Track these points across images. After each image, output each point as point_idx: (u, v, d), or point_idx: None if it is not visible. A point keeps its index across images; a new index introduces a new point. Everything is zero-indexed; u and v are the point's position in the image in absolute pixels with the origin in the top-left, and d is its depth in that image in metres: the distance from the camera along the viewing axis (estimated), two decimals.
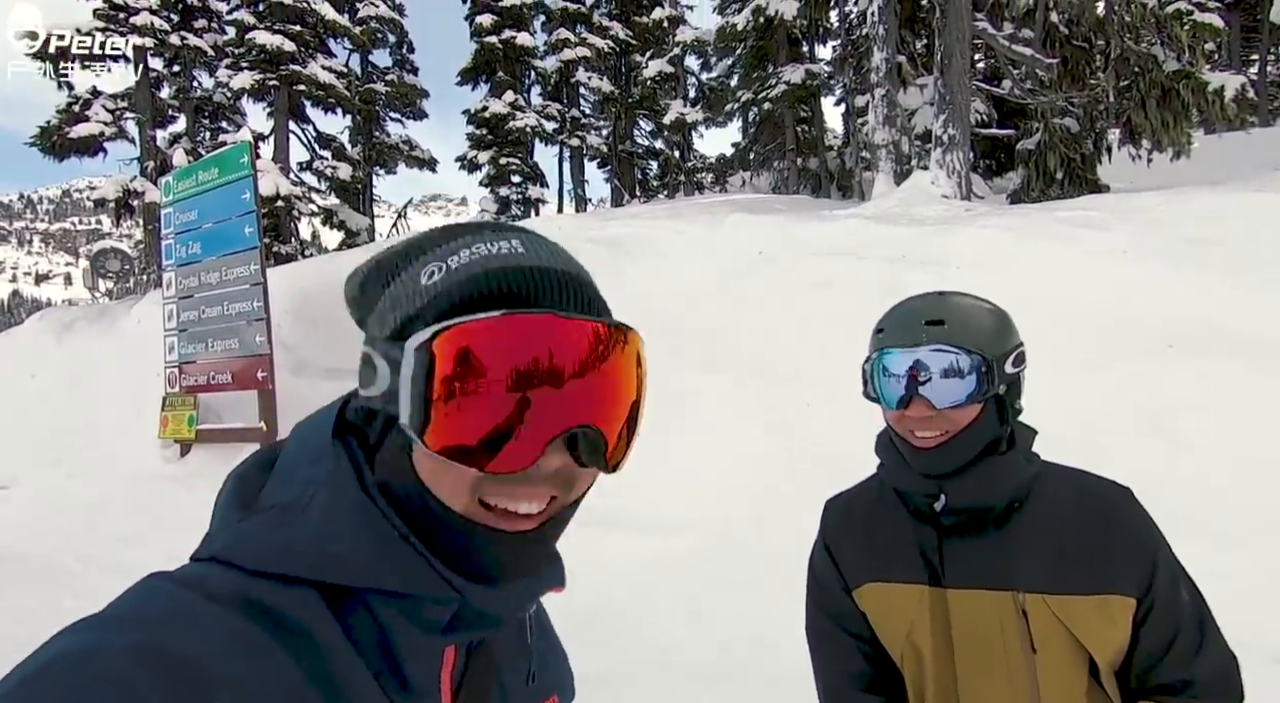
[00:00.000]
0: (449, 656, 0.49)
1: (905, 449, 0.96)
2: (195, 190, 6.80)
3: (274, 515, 0.45)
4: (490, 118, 17.13)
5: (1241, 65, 17.80)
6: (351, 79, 15.63)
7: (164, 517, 5.21)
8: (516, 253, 0.47)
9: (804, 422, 4.64)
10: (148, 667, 0.35)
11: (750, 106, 15.75)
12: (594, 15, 18.31)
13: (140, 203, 12.30)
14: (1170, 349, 4.05)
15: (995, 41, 8.27)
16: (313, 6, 13.67)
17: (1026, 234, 5.37)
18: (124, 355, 7.65)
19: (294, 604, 0.42)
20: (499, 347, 0.43)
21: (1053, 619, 0.87)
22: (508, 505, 0.45)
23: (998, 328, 0.95)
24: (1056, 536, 0.91)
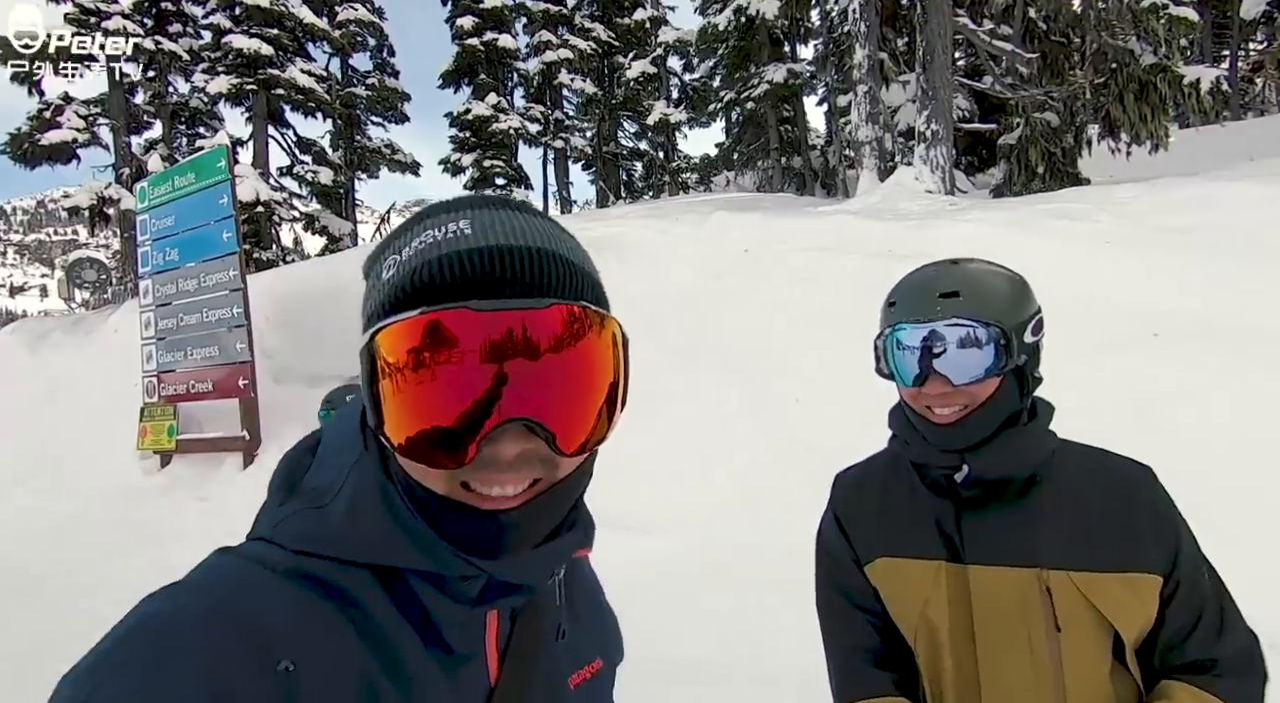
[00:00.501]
0: (492, 621, 0.51)
1: (922, 425, 0.92)
2: (172, 196, 6.68)
3: (309, 499, 0.49)
4: (473, 120, 17.03)
5: (1213, 61, 18.12)
6: (331, 83, 15.46)
7: (145, 529, 5.09)
8: (462, 236, 0.46)
9: (793, 418, 4.62)
10: (222, 628, 0.40)
11: (733, 106, 15.79)
12: (575, 17, 18.28)
13: (116, 210, 12.08)
14: (1155, 338, 4.07)
15: (976, 37, 8.34)
16: (291, 10, 13.50)
17: (1011, 227, 5.40)
18: (101, 366, 7.49)
19: (344, 577, 0.46)
20: (418, 346, 0.43)
21: (1078, 597, 0.84)
22: (482, 489, 0.45)
23: (1014, 295, 0.91)
24: (1080, 511, 0.88)
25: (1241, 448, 3.30)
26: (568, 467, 0.47)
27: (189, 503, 5.59)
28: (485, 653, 0.51)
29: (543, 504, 0.47)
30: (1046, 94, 8.39)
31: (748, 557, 3.59)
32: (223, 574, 0.45)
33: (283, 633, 0.41)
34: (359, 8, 15.98)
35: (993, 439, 0.89)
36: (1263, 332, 3.83)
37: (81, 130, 12.31)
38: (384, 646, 0.45)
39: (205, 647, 0.39)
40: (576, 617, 0.60)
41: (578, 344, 0.45)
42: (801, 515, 3.26)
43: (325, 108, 14.66)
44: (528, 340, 0.43)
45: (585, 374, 0.46)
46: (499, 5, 17.24)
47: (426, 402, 0.43)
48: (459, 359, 0.42)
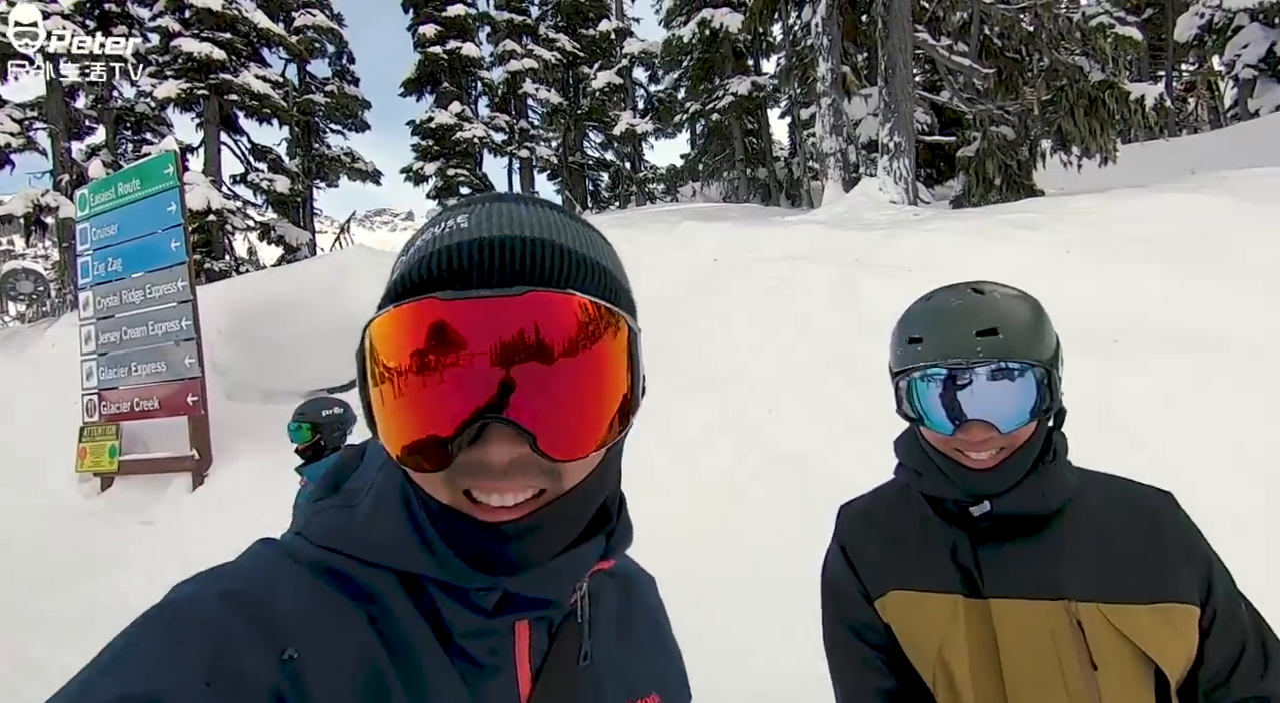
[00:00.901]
0: (523, 635, 0.48)
1: (950, 467, 0.85)
2: (115, 204, 6.35)
3: (341, 498, 0.49)
4: (436, 129, 16.80)
5: (1151, 80, 19.09)
6: (288, 89, 15.06)
7: (83, 556, 4.76)
8: (459, 230, 0.44)
9: (767, 427, 4.59)
10: (233, 609, 0.40)
11: (698, 118, 15.93)
12: (540, 27, 18.25)
13: (54, 219, 11.48)
14: (1115, 344, 4.17)
15: (935, 52, 8.57)
16: (244, 14, 13.12)
17: (974, 237, 5.51)
18: (37, 383, 7.05)
19: (367, 574, 0.45)
20: (396, 343, 0.41)
21: (1111, 631, 0.78)
22: (481, 498, 0.42)
23: (1043, 325, 0.85)
24: (1103, 541, 0.83)
25: (1200, 451, 3.38)
26: (575, 475, 0.44)
27: (132, 528, 5.26)
28: (516, 670, 0.48)
29: (548, 516, 0.44)
30: (1002, 108, 8.66)
31: (726, 567, 3.52)
32: (251, 562, 0.45)
33: (293, 621, 0.41)
34: (317, 13, 15.65)
35: (1022, 480, 0.83)
36: (1218, 337, 3.95)
37: (16, 135, 11.69)
38: (400, 647, 0.44)
39: (217, 627, 0.39)
40: (631, 643, 0.57)
41: (565, 336, 0.41)
42: (778, 523, 3.20)
43: (281, 114, 14.26)
44: (498, 332, 0.40)
45: (573, 371, 0.42)
46: (462, 14, 17.10)
47: (403, 404, 0.41)
48: (424, 355, 0.40)
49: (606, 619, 0.55)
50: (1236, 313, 4.07)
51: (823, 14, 9.11)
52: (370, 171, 16.94)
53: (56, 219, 11.41)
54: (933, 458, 0.87)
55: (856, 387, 4.33)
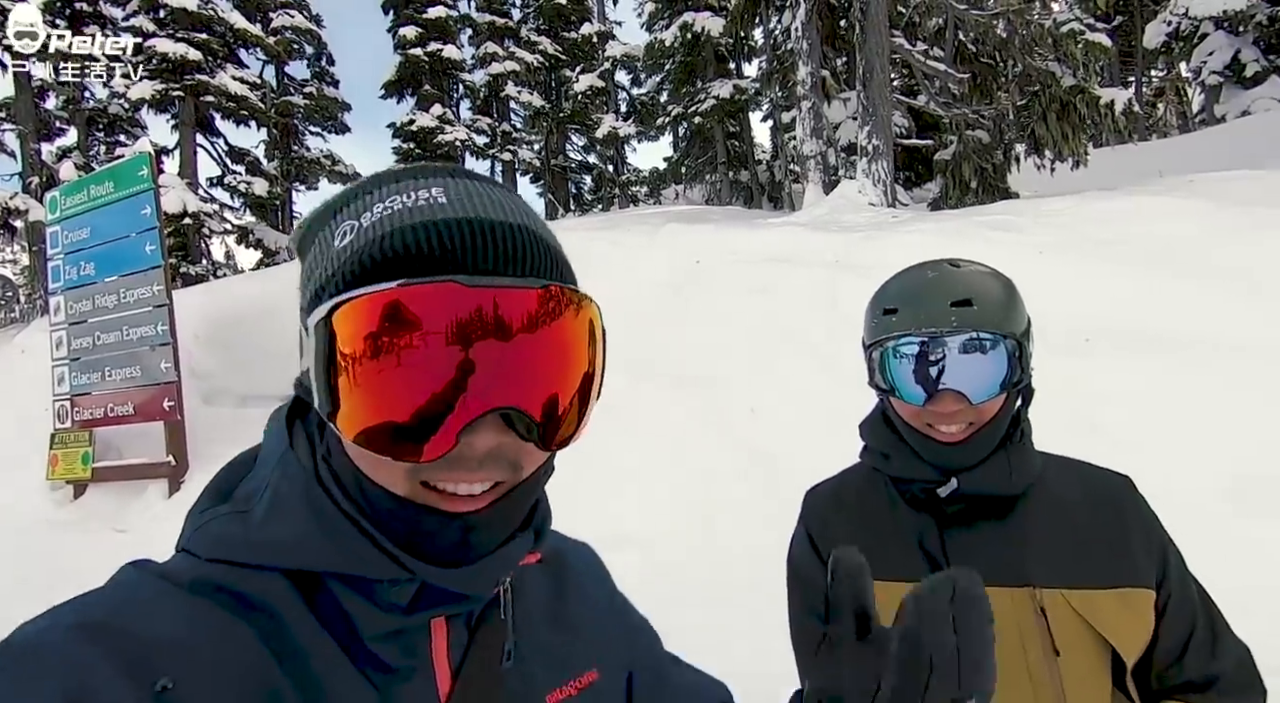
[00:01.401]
0: (440, 633, 0.46)
1: (918, 442, 0.86)
2: (87, 206, 6.23)
3: (232, 506, 0.45)
4: (418, 131, 16.70)
5: (1121, 86, 19.55)
6: (266, 91, 14.88)
7: (54, 567, 4.65)
8: (436, 204, 0.42)
9: (748, 428, 4.63)
10: (91, 643, 0.36)
11: (681, 121, 16.01)
12: (522, 30, 18.22)
13: (24, 222, 11.22)
14: (1087, 343, 4.27)
15: (911, 57, 8.70)
16: (220, 14, 12.94)
17: (952, 238, 5.60)
18: (5, 390, 6.88)
19: (258, 586, 0.42)
20: (397, 323, 0.38)
21: (1074, 617, 0.79)
22: (447, 488, 0.41)
23: (1015, 300, 0.86)
24: (1067, 527, 0.84)
25: (1171, 449, 3.48)
26: (532, 465, 0.44)
27: (106, 536, 5.16)
28: (433, 670, 0.45)
29: (508, 505, 0.43)
30: (977, 112, 8.83)
31: (708, 567, 3.55)
32: (113, 589, 0.41)
33: (163, 648, 0.37)
34: (295, 14, 15.48)
35: (990, 457, 0.85)
36: (1187, 337, 4.06)
37: None
38: (295, 659, 0.40)
39: (70, 665, 0.35)
40: (564, 627, 0.54)
41: (567, 330, 0.42)
42: (760, 524, 3.22)
43: (259, 116, 14.08)
44: (518, 322, 0.39)
45: (572, 364, 0.43)
46: (443, 16, 17.02)
47: (398, 388, 0.39)
48: (441, 341, 0.38)
49: (535, 608, 0.53)
50: (1204, 313, 4.18)
51: (802, 19, 9.22)
52: (350, 174, 16.79)
53: (26, 222, 11.16)
54: (902, 435, 0.88)
55: (837, 386, 4.38)
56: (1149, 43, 17.90)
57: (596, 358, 0.45)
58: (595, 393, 0.46)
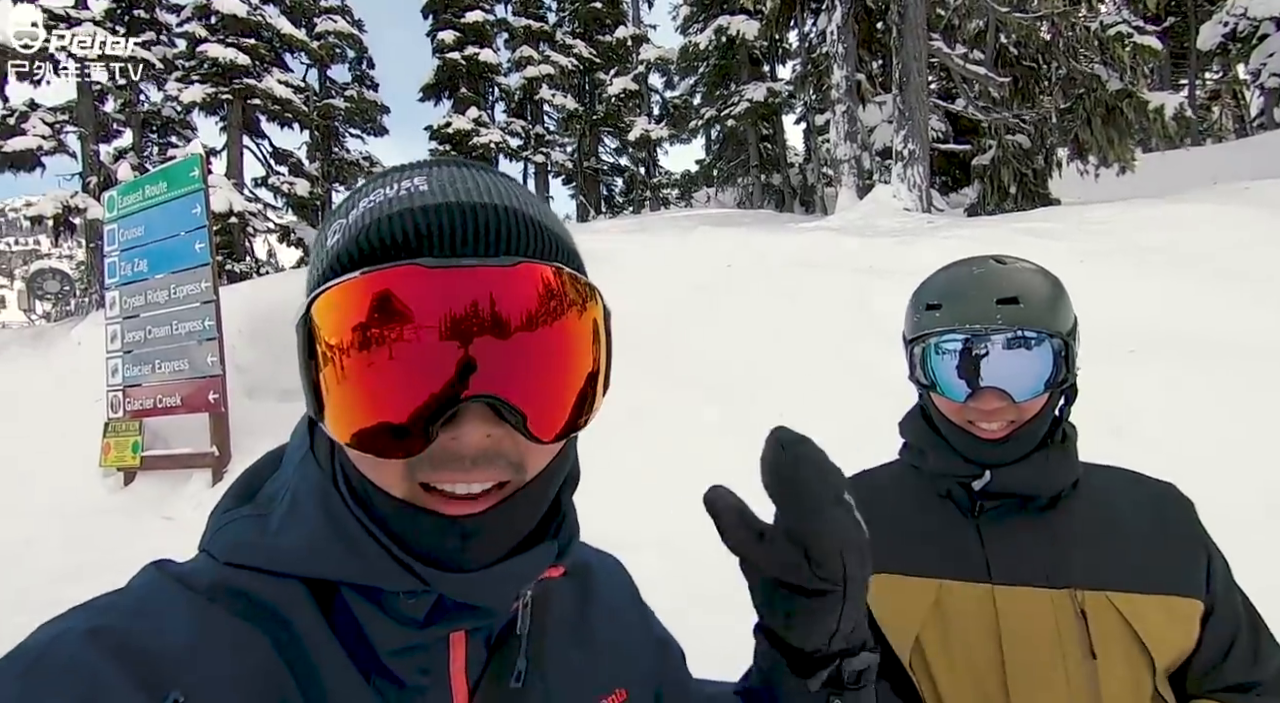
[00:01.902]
0: (458, 649, 0.43)
1: (957, 438, 0.85)
2: (142, 205, 6.50)
3: (253, 508, 0.44)
4: (454, 134, 16.98)
5: (1173, 88, 18.88)
6: (309, 94, 15.32)
7: (105, 550, 4.87)
8: (416, 193, 0.40)
9: None
10: (103, 648, 0.35)
11: (713, 123, 16.00)
12: (557, 33, 18.41)
13: (82, 220, 11.74)
14: (1132, 354, 4.15)
15: (950, 60, 8.56)
16: (268, 20, 13.38)
17: (988, 244, 5.49)
18: (62, 380, 7.22)
19: (274, 591, 0.41)
20: (362, 314, 0.37)
21: (1117, 620, 0.78)
22: (444, 488, 0.39)
23: (1062, 299, 0.84)
24: (1111, 530, 0.83)
25: (1216, 461, 3.36)
26: (536, 465, 0.41)
27: (153, 522, 5.38)
28: (450, 688, 0.43)
29: (511, 509, 0.40)
30: (1017, 117, 8.64)
31: (731, 574, 3.54)
32: (130, 593, 0.40)
33: (177, 658, 0.36)
34: (338, 19, 15.91)
35: (1028, 456, 0.84)
36: (1235, 347, 3.92)
37: (48, 137, 11.99)
38: (309, 672, 0.39)
39: (82, 676, 0.34)
40: (591, 644, 0.52)
41: (554, 313, 0.39)
42: None
43: (302, 119, 14.50)
44: (492, 306, 0.37)
45: (562, 348, 0.40)
46: (480, 20, 17.30)
47: (372, 380, 0.37)
48: (408, 327, 0.36)
49: (559, 625, 0.50)
50: (1251, 323, 4.04)
51: (838, 22, 9.14)
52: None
53: (84, 220, 11.68)
54: (942, 431, 0.87)
55: (868, 393, 4.34)
56: (1203, 44, 17.25)
57: (597, 344, 0.42)
58: (600, 382, 0.42)
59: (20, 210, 12.10)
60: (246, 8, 13.03)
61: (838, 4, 9.04)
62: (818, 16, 12.41)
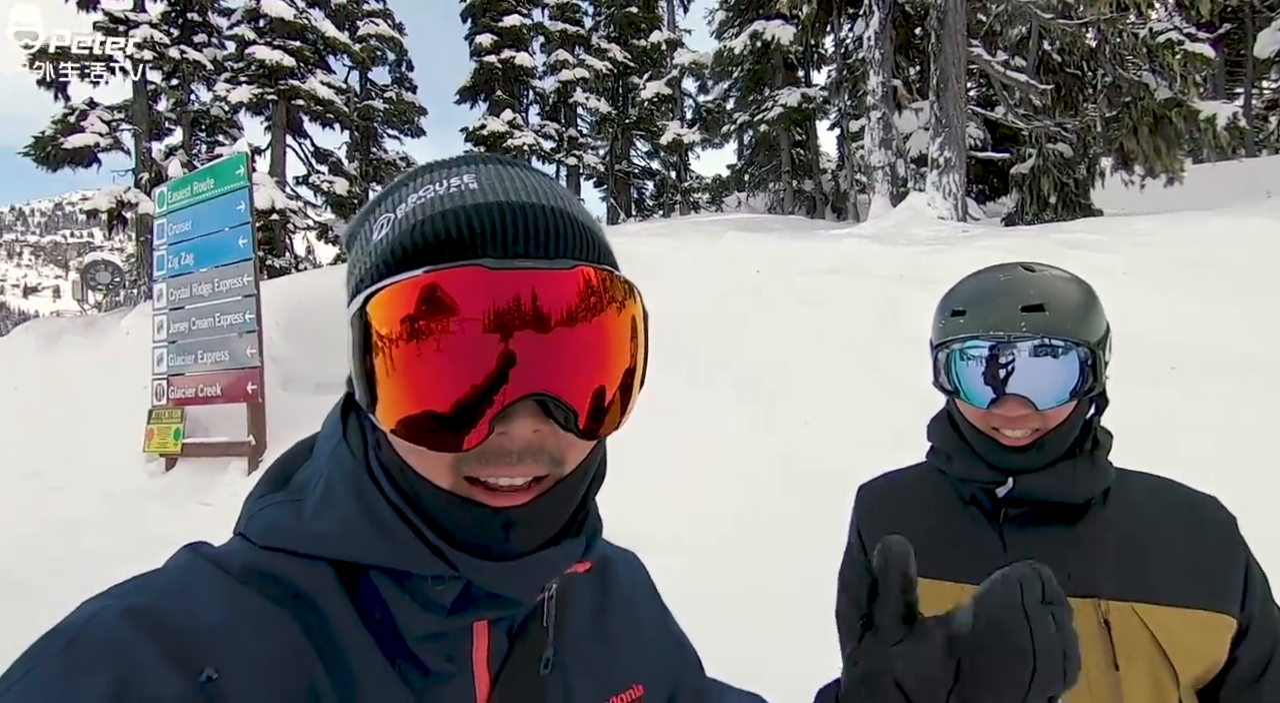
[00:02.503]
0: (481, 638, 0.45)
1: (982, 444, 0.85)
2: (190, 201, 6.74)
3: (287, 494, 0.45)
4: (488, 136, 17.23)
5: (1227, 97, 18.20)
6: (350, 95, 15.70)
7: (146, 534, 5.05)
8: (467, 190, 0.41)
9: (801, 440, 4.58)
10: (139, 626, 0.36)
11: (746, 128, 15.94)
12: (592, 38, 18.55)
13: (134, 214, 12.22)
14: (1173, 371, 4.02)
15: (990, 67, 8.41)
16: (313, 23, 13.77)
17: (1025, 255, 5.37)
18: (111, 368, 7.52)
19: (304, 575, 0.42)
20: (427, 309, 0.38)
21: (1142, 632, 0.77)
22: (489, 481, 0.40)
23: (1092, 306, 0.83)
24: (1143, 541, 0.82)
25: (1262, 483, 3.24)
26: (574, 460, 0.43)
27: (192, 507, 5.56)
28: (472, 676, 0.44)
29: (551, 500, 0.42)
30: (1059, 125, 8.43)
31: (750, 577, 3.53)
32: (166, 573, 0.41)
33: (209, 637, 0.37)
34: (380, 23, 16.29)
35: (1054, 464, 0.83)
36: (1278, 366, 3.78)
37: (104, 135, 12.51)
38: (336, 655, 0.40)
39: (119, 654, 0.35)
40: (609, 639, 0.53)
41: (604, 314, 0.41)
42: (806, 537, 3.20)
43: (343, 119, 14.87)
44: (549, 306, 0.38)
45: (611, 348, 0.41)
46: (517, 24, 17.53)
47: (430, 376, 0.38)
48: (470, 326, 0.37)
49: (579, 619, 0.52)
50: None
51: (875, 27, 9.04)
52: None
53: (135, 214, 12.14)
54: (966, 437, 0.87)
55: (897, 402, 4.28)
56: (1261, 52, 16.60)
57: (638, 344, 0.44)
58: (639, 381, 0.44)
59: (77, 204, 12.63)
60: (293, 10, 13.44)
61: (875, 9, 8.95)
62: (855, 22, 12.30)
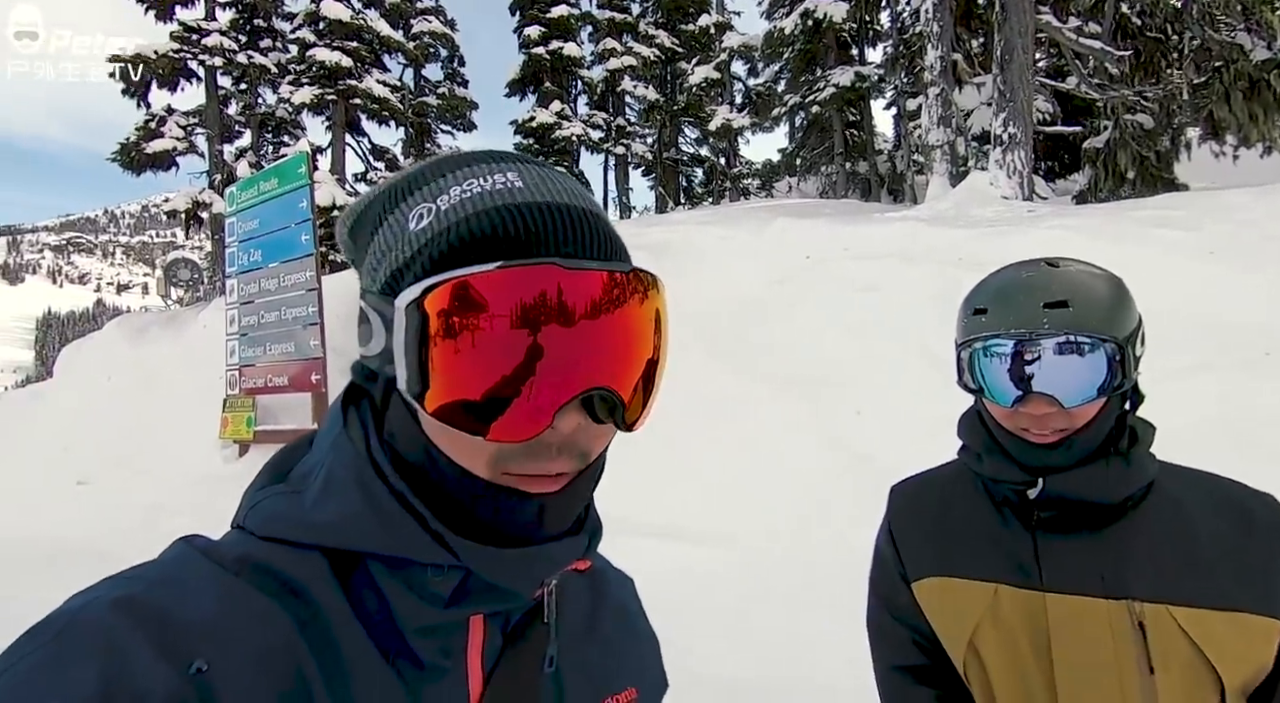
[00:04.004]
0: (476, 634, 0.45)
1: (1011, 443, 0.83)
2: (257, 200, 7.08)
3: (288, 485, 0.46)
4: (537, 128, 17.39)
5: None
6: (405, 92, 16.12)
7: (220, 516, 5.36)
8: (514, 188, 0.43)
9: (853, 430, 4.46)
10: (128, 617, 0.36)
11: (798, 110, 15.53)
12: (640, 24, 18.41)
13: (208, 214, 12.93)
14: (1266, 357, 3.71)
15: (1060, 35, 7.88)
16: (369, 23, 14.16)
17: (1099, 235, 5.05)
18: (190, 359, 8.02)
19: (296, 566, 0.42)
20: (498, 303, 0.39)
21: (1179, 635, 0.74)
22: (528, 472, 0.42)
23: (1122, 302, 0.81)
24: (1184, 540, 0.78)
25: None
26: (598, 452, 0.45)
27: None
28: (466, 672, 0.44)
29: (577, 487, 0.44)
30: (1139, 94, 7.83)
31: (799, 572, 3.47)
32: (159, 565, 0.41)
33: (199, 630, 0.37)
34: (432, 20, 16.62)
35: (1085, 462, 0.80)
36: None
37: (181, 139, 13.25)
38: (329, 649, 0.40)
39: (108, 645, 0.35)
40: (602, 641, 0.54)
41: (643, 310, 0.43)
42: (858, 531, 3.13)
43: (398, 116, 15.28)
44: (613, 304, 0.41)
45: (648, 344, 0.44)
46: (565, 14, 17.56)
47: (501, 368, 0.39)
48: (544, 322, 0.39)
49: (573, 620, 0.52)
50: None
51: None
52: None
53: (210, 213, 12.86)
54: (995, 435, 0.86)
55: (951, 391, 4.12)
56: None
57: (663, 336, 0.46)
58: (661, 372, 0.47)
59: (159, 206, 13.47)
60: (350, 12, 13.86)
61: None
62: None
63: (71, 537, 5.31)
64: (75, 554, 4.84)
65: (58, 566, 4.50)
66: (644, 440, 4.59)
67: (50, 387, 9.89)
